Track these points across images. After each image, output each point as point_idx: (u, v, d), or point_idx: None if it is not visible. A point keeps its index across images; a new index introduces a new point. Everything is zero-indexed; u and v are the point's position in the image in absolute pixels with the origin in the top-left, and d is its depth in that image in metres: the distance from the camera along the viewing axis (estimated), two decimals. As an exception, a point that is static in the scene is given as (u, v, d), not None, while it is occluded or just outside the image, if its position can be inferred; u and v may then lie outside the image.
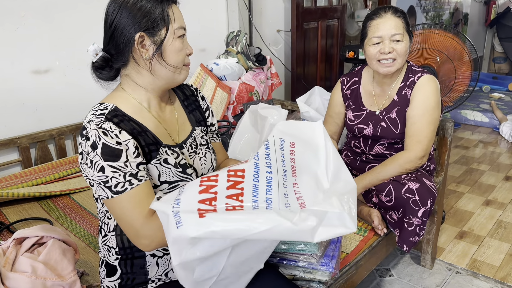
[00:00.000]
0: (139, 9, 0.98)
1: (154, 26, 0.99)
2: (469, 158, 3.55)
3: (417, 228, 1.57)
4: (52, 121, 2.23)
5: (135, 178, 0.94)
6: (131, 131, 0.99)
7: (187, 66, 1.08)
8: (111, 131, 0.94)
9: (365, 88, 1.79)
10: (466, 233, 2.43)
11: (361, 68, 1.84)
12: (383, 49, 1.59)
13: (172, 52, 1.02)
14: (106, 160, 0.92)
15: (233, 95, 2.59)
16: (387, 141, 1.72)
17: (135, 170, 0.94)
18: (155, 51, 1.00)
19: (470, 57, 3.15)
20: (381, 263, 2.16)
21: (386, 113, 1.71)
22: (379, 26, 1.60)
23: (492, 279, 2.03)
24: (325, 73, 4.08)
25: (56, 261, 1.19)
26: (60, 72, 2.22)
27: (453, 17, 6.13)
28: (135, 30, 0.98)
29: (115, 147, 0.93)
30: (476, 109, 4.52)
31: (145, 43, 1.00)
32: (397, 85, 1.71)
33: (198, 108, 1.23)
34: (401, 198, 1.55)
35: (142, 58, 1.01)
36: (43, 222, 1.73)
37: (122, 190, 0.93)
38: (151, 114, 1.07)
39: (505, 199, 2.83)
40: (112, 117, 0.98)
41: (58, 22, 2.17)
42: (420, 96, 1.64)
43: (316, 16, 3.74)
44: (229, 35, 2.84)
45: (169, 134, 1.10)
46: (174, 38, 1.01)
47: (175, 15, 1.02)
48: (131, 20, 0.98)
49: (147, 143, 1.02)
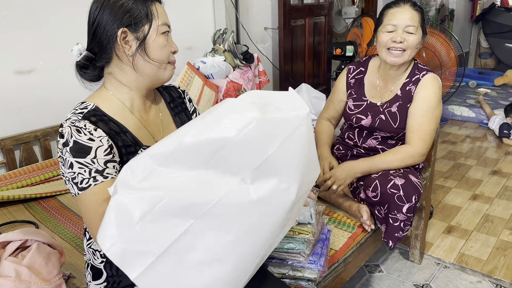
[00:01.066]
0: (121, 6, 0.98)
1: (136, 22, 0.99)
2: (456, 153, 3.58)
3: (402, 223, 1.58)
4: (37, 122, 2.20)
5: (101, 175, 0.92)
6: (109, 131, 0.98)
7: (172, 64, 1.07)
8: (85, 128, 0.94)
9: (370, 79, 1.81)
10: (454, 227, 2.45)
11: (369, 59, 1.86)
12: (395, 38, 1.61)
13: (156, 47, 1.01)
14: (75, 157, 0.92)
15: (221, 94, 2.57)
16: (382, 134, 1.74)
17: (101, 166, 0.93)
18: (138, 46, 1.00)
19: (456, 53, 3.17)
20: (370, 259, 2.17)
21: (387, 106, 1.73)
22: (396, 15, 1.63)
23: (480, 273, 2.06)
24: (313, 70, 4.08)
25: (41, 265, 1.17)
26: (44, 72, 2.18)
27: (439, 13, 6.18)
28: (118, 26, 0.98)
29: (85, 144, 0.92)
30: (463, 104, 4.56)
31: (128, 38, 0.99)
32: (401, 80, 1.73)
33: (184, 111, 1.22)
34: (386, 194, 1.57)
35: (125, 54, 1.00)
36: (28, 225, 1.70)
37: (86, 186, 0.91)
38: (133, 114, 1.06)
39: (492, 193, 2.86)
40: (90, 116, 0.97)
41: (41, 21, 2.13)
42: (424, 94, 1.66)
43: (303, 13, 3.74)
44: (216, 33, 2.83)
45: (152, 136, 1.08)
46: (157, 34, 1.01)
47: (159, 12, 1.02)
48: (114, 16, 0.98)
49: (125, 144, 1.00)
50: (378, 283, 2.01)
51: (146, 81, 1.05)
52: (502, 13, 6.27)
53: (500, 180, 3.05)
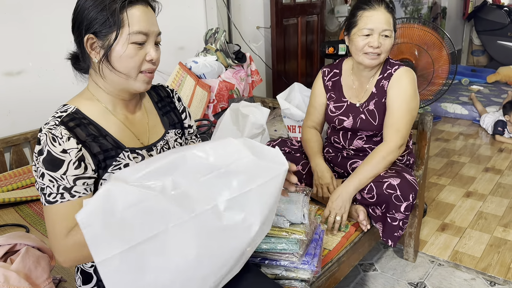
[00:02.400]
0: (90, 10, 0.94)
1: (102, 29, 0.94)
2: (449, 151, 3.59)
3: (401, 222, 1.58)
4: (27, 124, 2.17)
5: (68, 193, 0.92)
6: (85, 137, 0.96)
7: (147, 73, 1.00)
8: (60, 137, 0.92)
9: (345, 80, 1.80)
10: (448, 225, 2.46)
11: (341, 61, 1.85)
12: (372, 43, 1.59)
13: (122, 58, 0.95)
14: (47, 169, 0.91)
15: (213, 93, 2.56)
16: (366, 133, 1.73)
17: (70, 184, 0.92)
18: (102, 56, 0.96)
19: (448, 51, 3.18)
20: (365, 258, 2.16)
21: (365, 106, 1.72)
22: (372, 19, 1.59)
23: (474, 270, 2.06)
24: (306, 69, 4.08)
25: (30, 269, 1.15)
26: (33, 73, 2.16)
27: (432, 11, 6.19)
28: (85, 31, 0.95)
29: (57, 157, 0.91)
30: (456, 101, 4.58)
31: (95, 45, 0.96)
32: (375, 78, 1.72)
33: (173, 110, 1.19)
34: (383, 195, 1.56)
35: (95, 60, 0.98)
36: (18, 228, 1.68)
37: (53, 201, 0.92)
38: (116, 116, 1.04)
39: (485, 190, 2.87)
40: (68, 121, 0.96)
41: (30, 22, 2.11)
42: (397, 87, 1.65)
43: (295, 12, 3.73)
44: (208, 32, 2.81)
45: (136, 137, 1.07)
46: (127, 43, 0.95)
47: (134, 19, 0.94)
48: (84, 19, 0.95)
49: (104, 149, 0.98)
50: (372, 282, 2.01)
51: (117, 89, 1.01)
52: (494, 10, 6.30)
53: (494, 177, 3.06)
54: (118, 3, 0.93)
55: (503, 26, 6.16)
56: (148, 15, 0.97)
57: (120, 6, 0.93)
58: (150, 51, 0.98)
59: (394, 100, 1.65)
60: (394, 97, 1.65)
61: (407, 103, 1.64)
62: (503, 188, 2.89)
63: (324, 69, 1.86)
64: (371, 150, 1.73)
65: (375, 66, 1.67)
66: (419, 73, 3.22)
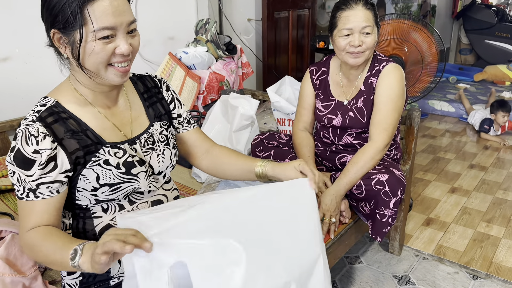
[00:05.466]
0: (55, 4, 0.88)
1: (65, 26, 0.88)
2: (436, 147, 3.63)
3: (390, 219, 1.59)
4: (13, 111, 2.14)
5: (33, 193, 0.93)
6: (63, 134, 0.94)
7: (118, 67, 0.94)
8: (35, 136, 0.90)
9: (333, 79, 1.78)
10: (433, 220, 2.49)
11: (329, 58, 1.83)
12: (353, 42, 1.57)
13: (88, 54, 0.90)
14: (18, 166, 0.92)
15: (203, 85, 2.55)
16: (355, 130, 1.73)
17: (33, 187, 0.93)
18: (71, 52, 0.91)
19: (437, 48, 3.21)
20: (350, 251, 2.19)
21: (353, 103, 1.71)
22: (350, 18, 1.57)
23: (457, 264, 2.10)
24: (297, 63, 4.08)
25: (15, 257, 1.14)
26: (20, 60, 2.12)
27: (421, 8, 6.24)
28: (50, 26, 0.91)
29: (28, 157, 0.90)
30: (443, 99, 4.63)
31: (62, 40, 0.91)
32: (363, 75, 1.71)
33: (160, 101, 1.15)
34: (372, 190, 1.56)
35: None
36: (3, 216, 1.66)
37: (21, 197, 0.94)
38: (96, 109, 1.01)
39: (470, 186, 2.91)
40: (47, 116, 0.94)
41: (17, 7, 2.07)
42: (385, 84, 1.64)
43: (287, 5, 3.72)
44: (199, 23, 2.79)
45: (118, 129, 1.04)
46: (93, 40, 0.88)
47: (97, 14, 0.87)
48: (50, 12, 0.89)
49: (83, 145, 0.96)
50: (358, 275, 2.03)
51: (93, 82, 0.97)
52: (482, 10, 6.37)
53: (478, 173, 3.11)
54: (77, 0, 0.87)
55: (491, 26, 6.24)
56: (114, 6, 0.89)
57: (79, 3, 0.86)
58: (120, 44, 0.91)
59: (381, 98, 1.64)
60: (381, 95, 1.64)
61: (393, 101, 1.63)
62: (487, 184, 2.94)
63: (311, 68, 1.84)
64: (360, 146, 1.74)
65: (361, 64, 1.67)
66: (408, 70, 3.25)
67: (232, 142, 2.00)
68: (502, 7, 6.76)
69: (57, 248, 0.88)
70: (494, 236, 2.33)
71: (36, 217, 0.94)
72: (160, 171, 1.10)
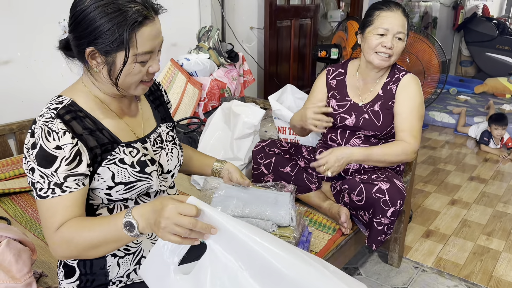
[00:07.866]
0: (101, 22, 0.88)
1: (108, 50, 0.90)
2: (436, 158, 3.62)
3: (385, 227, 1.58)
4: (13, 115, 2.13)
5: (59, 188, 0.90)
6: (82, 131, 0.94)
7: (146, 82, 0.99)
8: (56, 132, 0.89)
9: (350, 81, 1.82)
10: (432, 232, 2.48)
11: (347, 61, 1.87)
12: (386, 43, 1.61)
13: (125, 75, 0.93)
14: (39, 164, 0.89)
15: (204, 92, 2.54)
16: (366, 133, 1.74)
17: (60, 180, 0.90)
18: (108, 72, 0.93)
19: (439, 59, 3.20)
20: (350, 262, 2.17)
21: (370, 106, 1.74)
22: (389, 19, 1.61)
23: (457, 277, 2.08)
24: (298, 72, 4.09)
25: (10, 263, 1.12)
26: (21, 63, 2.12)
27: (423, 20, 6.26)
28: (87, 43, 0.90)
29: (51, 153, 0.89)
30: (444, 110, 4.63)
31: (96, 58, 0.92)
32: (382, 80, 1.75)
33: (163, 104, 1.19)
34: (371, 198, 1.56)
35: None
36: (0, 220, 1.64)
37: (45, 196, 0.90)
38: (111, 109, 1.02)
39: (470, 198, 2.90)
40: (64, 113, 0.93)
41: (19, 11, 2.07)
42: (408, 93, 1.68)
43: (289, 15, 3.73)
44: (201, 30, 2.80)
45: (132, 131, 1.05)
46: (133, 62, 0.92)
47: (143, 39, 0.90)
48: (89, 31, 0.89)
49: (100, 143, 0.96)
50: (356, 286, 2.01)
51: (114, 92, 0.99)
52: (483, 22, 6.40)
53: (478, 185, 3.10)
54: (128, 24, 0.88)
55: (491, 38, 6.26)
56: (154, 30, 0.93)
57: (130, 28, 0.88)
58: (153, 64, 0.96)
59: (406, 106, 1.67)
60: (405, 103, 1.67)
61: (417, 109, 1.67)
62: (487, 197, 2.93)
63: (329, 68, 1.88)
64: None
65: (383, 68, 1.70)
66: (409, 81, 3.24)
67: (233, 150, 1.99)
68: (503, 20, 6.79)
69: (102, 229, 0.87)
70: (494, 249, 2.31)
71: (64, 212, 0.91)
72: (169, 170, 1.12)
